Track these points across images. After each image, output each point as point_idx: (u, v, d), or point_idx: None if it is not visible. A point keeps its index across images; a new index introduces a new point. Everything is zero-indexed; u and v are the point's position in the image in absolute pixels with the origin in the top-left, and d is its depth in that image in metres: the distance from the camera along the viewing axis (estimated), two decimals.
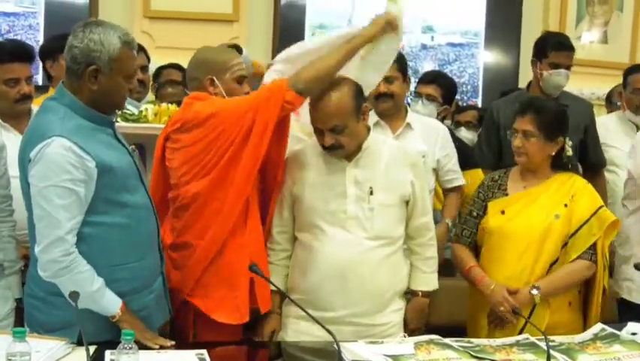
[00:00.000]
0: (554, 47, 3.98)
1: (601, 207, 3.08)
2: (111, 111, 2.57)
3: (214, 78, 2.85)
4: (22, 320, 2.70)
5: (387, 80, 3.36)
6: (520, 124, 3.06)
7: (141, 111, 3.41)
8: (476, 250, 3.21)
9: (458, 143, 4.12)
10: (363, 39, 2.86)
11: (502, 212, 3.10)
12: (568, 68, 3.93)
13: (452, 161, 3.62)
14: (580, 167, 3.68)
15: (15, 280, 2.86)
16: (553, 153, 3.09)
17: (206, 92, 2.86)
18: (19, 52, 3.21)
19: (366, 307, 2.82)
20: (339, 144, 2.78)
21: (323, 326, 2.37)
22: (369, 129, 2.90)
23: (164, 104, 3.49)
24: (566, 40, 4.11)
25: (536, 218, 3.04)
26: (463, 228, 3.24)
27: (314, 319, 2.47)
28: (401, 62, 3.45)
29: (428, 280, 2.98)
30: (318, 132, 2.81)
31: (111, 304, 2.45)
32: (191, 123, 2.75)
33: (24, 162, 2.42)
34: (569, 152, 3.13)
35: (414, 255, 2.96)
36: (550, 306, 3.02)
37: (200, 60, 2.92)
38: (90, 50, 2.42)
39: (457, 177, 3.65)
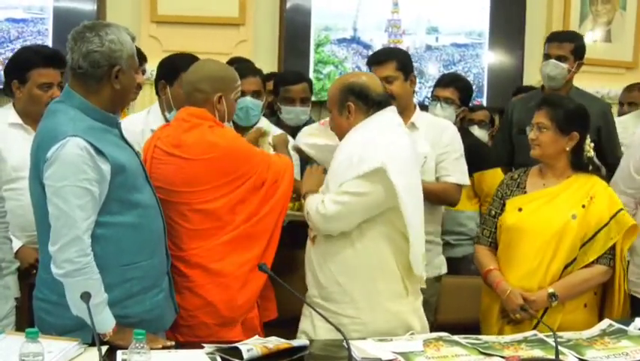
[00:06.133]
0: (546, 40, 4.11)
1: (620, 210, 3.08)
2: (121, 108, 2.62)
3: (222, 97, 2.88)
4: (23, 319, 2.74)
5: (387, 79, 3.33)
6: (535, 118, 3.12)
7: None
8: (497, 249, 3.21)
9: (476, 143, 4.13)
10: None
11: (520, 209, 3.11)
12: (559, 58, 3.96)
13: (449, 159, 3.44)
14: (603, 168, 3.65)
15: (13, 280, 2.89)
16: (568, 149, 3.09)
17: (209, 107, 2.87)
18: (54, 58, 3.26)
19: (328, 292, 2.84)
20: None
21: (333, 325, 2.41)
22: None
23: None
24: (561, 32, 4.18)
25: (553, 217, 3.05)
26: (483, 228, 3.26)
27: (324, 317, 2.52)
28: (402, 62, 3.42)
29: None
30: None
31: (106, 322, 2.42)
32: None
33: (38, 165, 2.43)
34: (590, 153, 3.14)
35: None
36: (565, 308, 3.04)
37: (212, 75, 2.91)
38: (112, 52, 2.46)
39: (448, 175, 3.43)
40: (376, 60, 3.47)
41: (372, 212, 2.78)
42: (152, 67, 4.11)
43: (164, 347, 2.47)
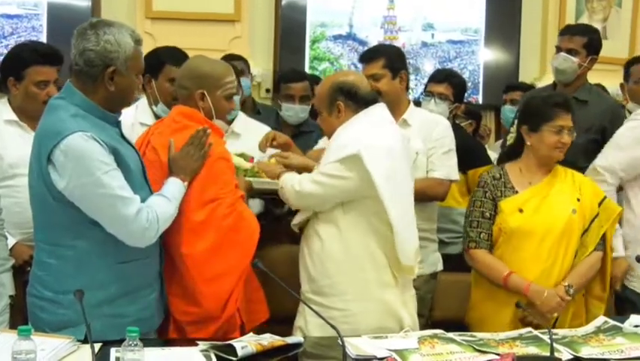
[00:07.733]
0: (559, 33, 4.06)
1: (604, 198, 3.16)
2: (121, 109, 2.60)
3: (205, 93, 2.84)
4: (18, 316, 2.74)
5: (374, 77, 3.34)
6: (567, 121, 3.09)
7: (253, 167, 3.19)
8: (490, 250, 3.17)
9: (470, 140, 4.13)
10: None
11: (520, 210, 3.09)
12: (570, 52, 3.88)
13: (437, 153, 3.42)
14: None
15: (7, 278, 2.87)
16: None
17: (194, 104, 2.84)
18: (51, 55, 3.24)
19: (318, 286, 2.86)
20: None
21: (326, 321, 2.40)
22: None
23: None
24: (573, 25, 4.17)
25: (556, 214, 3.08)
26: (480, 231, 3.16)
27: (318, 314, 2.50)
28: (390, 59, 3.42)
29: None
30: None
31: (180, 191, 2.63)
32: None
33: (40, 160, 2.42)
34: None
35: None
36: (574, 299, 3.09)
37: (194, 71, 2.88)
38: (107, 52, 2.44)
39: (434, 170, 3.42)
40: (364, 58, 3.52)
41: (346, 197, 2.84)
42: None
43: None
